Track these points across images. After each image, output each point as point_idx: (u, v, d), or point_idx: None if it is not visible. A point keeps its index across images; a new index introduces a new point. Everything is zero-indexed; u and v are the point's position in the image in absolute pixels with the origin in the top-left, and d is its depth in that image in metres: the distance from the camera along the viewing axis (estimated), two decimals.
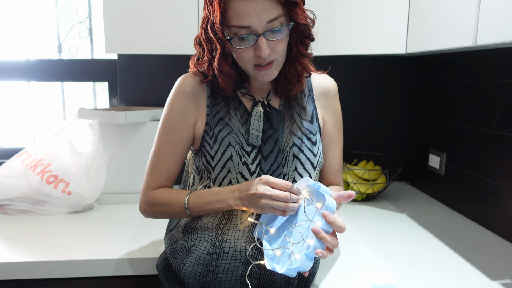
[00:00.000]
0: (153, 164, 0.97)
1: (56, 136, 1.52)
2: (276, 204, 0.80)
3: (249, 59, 0.86)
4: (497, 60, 1.28)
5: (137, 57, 1.73)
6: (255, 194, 0.81)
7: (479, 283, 0.99)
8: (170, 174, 0.97)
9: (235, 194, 0.86)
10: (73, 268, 1.11)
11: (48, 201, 1.44)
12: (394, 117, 1.87)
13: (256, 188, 0.82)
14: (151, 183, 0.97)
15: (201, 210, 0.90)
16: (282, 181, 0.81)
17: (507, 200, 1.23)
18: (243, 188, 0.85)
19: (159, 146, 0.96)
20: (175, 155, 0.96)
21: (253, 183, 0.83)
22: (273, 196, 0.80)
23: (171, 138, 0.95)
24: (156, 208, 0.95)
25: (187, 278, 0.92)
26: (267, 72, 0.87)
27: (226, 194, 0.87)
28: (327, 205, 0.80)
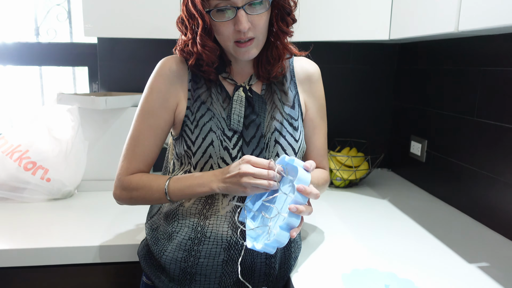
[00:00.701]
0: (130, 148, 0.94)
1: (34, 121, 1.48)
2: (258, 183, 0.80)
3: (229, 34, 0.85)
4: (478, 48, 1.29)
5: (117, 41, 1.69)
6: (238, 174, 0.81)
7: (456, 266, 1.01)
8: (147, 159, 0.94)
9: (218, 177, 0.85)
10: (53, 255, 1.10)
11: (27, 188, 1.40)
12: (377, 104, 1.88)
13: (239, 168, 0.82)
14: (127, 167, 0.94)
15: (182, 194, 0.89)
16: (263, 160, 0.82)
17: (485, 186, 1.26)
18: (226, 171, 0.85)
19: (138, 130, 0.93)
20: (154, 140, 0.93)
21: (235, 164, 0.84)
22: (256, 174, 0.80)
23: (151, 122, 0.92)
24: (132, 193, 0.93)
25: (168, 264, 0.91)
26: (247, 49, 0.86)
27: (208, 177, 0.86)
28: (300, 177, 0.80)
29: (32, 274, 1.12)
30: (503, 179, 1.18)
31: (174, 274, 0.91)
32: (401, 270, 0.98)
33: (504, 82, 1.18)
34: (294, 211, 0.78)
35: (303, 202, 0.80)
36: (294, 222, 0.79)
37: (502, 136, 1.19)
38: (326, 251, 1.09)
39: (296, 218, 0.79)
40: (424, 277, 0.95)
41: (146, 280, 0.99)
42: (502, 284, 0.93)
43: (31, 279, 1.12)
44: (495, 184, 1.21)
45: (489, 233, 1.21)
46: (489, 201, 1.24)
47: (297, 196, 0.79)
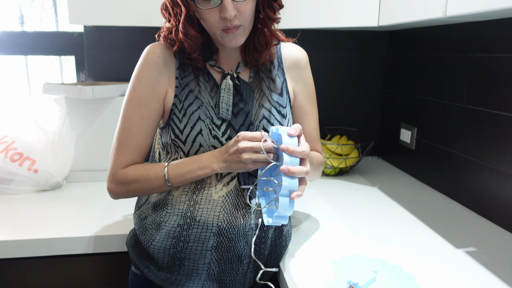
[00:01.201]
0: (122, 141, 0.91)
1: (20, 112, 1.46)
2: (258, 156, 0.81)
3: (215, 22, 0.83)
4: (467, 35, 1.29)
5: (104, 30, 1.66)
6: (237, 150, 0.81)
7: (444, 252, 1.02)
8: (141, 150, 0.92)
9: (217, 157, 0.85)
10: (43, 246, 1.09)
11: (14, 180, 1.39)
12: (367, 92, 1.88)
13: (237, 145, 0.82)
14: (121, 161, 0.91)
15: (183, 179, 0.88)
16: (257, 133, 0.82)
17: (474, 172, 1.27)
18: (223, 150, 0.85)
19: (128, 120, 0.91)
20: (146, 130, 0.91)
21: (232, 142, 0.83)
22: (254, 147, 0.80)
23: (142, 112, 0.90)
24: (129, 186, 0.91)
25: (157, 253, 0.91)
26: (234, 35, 0.85)
27: (207, 159, 0.86)
28: (285, 142, 0.79)
29: (22, 266, 1.11)
30: (491, 165, 1.19)
31: (163, 262, 0.91)
32: (390, 256, 0.99)
33: (492, 68, 1.18)
34: (286, 172, 0.76)
35: (293, 163, 0.77)
36: (292, 185, 0.77)
37: (490, 122, 1.19)
38: (316, 239, 1.09)
39: (291, 180, 0.77)
40: (412, 263, 0.96)
41: (135, 270, 0.98)
42: (489, 268, 0.94)
43: (20, 270, 1.12)
44: (484, 171, 1.22)
45: (477, 219, 1.23)
46: (478, 188, 1.25)
47: (285, 158, 0.77)
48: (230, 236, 0.90)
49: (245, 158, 0.81)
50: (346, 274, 0.90)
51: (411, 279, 0.89)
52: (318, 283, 0.87)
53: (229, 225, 0.90)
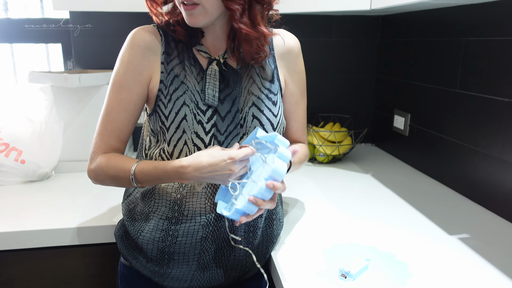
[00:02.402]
0: (102, 125, 0.89)
1: (6, 101, 1.42)
2: (241, 172, 0.81)
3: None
4: (460, 19, 1.27)
5: (91, 16, 1.62)
6: (230, 174, 0.79)
7: (438, 238, 1.02)
8: (120, 134, 0.89)
9: (191, 174, 0.79)
10: (31, 238, 1.07)
11: (1, 171, 1.36)
12: (360, 78, 1.86)
13: (230, 169, 0.78)
14: (100, 145, 0.89)
15: (152, 184, 0.86)
16: (247, 151, 0.79)
17: (467, 158, 1.25)
18: (205, 169, 0.78)
19: (109, 105, 0.88)
20: (126, 114, 0.88)
21: (222, 163, 0.78)
22: (242, 167, 0.80)
23: (122, 95, 0.87)
24: (103, 174, 0.87)
25: (146, 244, 0.89)
26: (191, 13, 0.81)
27: (176, 173, 0.80)
28: (280, 153, 0.79)
29: (10, 258, 1.09)
30: (484, 151, 1.18)
31: (152, 254, 0.89)
32: (382, 244, 0.98)
33: (486, 52, 1.16)
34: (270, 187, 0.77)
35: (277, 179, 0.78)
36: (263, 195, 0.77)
37: (484, 108, 1.18)
38: (308, 227, 1.08)
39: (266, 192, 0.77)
40: (405, 250, 0.95)
41: (124, 261, 0.97)
42: (482, 254, 0.94)
43: (8, 263, 1.10)
44: (477, 156, 1.21)
45: (470, 205, 1.22)
46: (471, 174, 1.24)
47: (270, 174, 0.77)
48: (218, 225, 0.88)
49: (231, 178, 0.80)
50: (338, 262, 0.89)
51: (404, 267, 0.88)
52: (310, 272, 0.86)
53: (217, 214, 0.88)
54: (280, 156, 0.79)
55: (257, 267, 0.96)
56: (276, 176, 0.77)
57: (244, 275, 0.95)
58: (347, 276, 0.83)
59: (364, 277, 0.84)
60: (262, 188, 0.76)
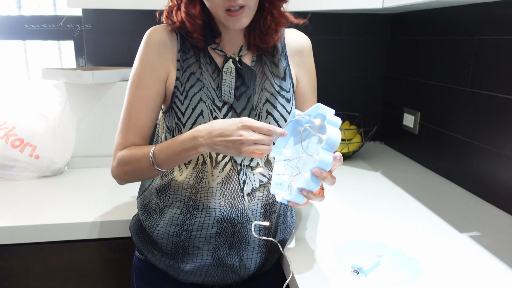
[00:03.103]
0: (123, 123, 0.91)
1: (20, 98, 1.44)
2: (259, 148, 0.75)
3: (219, 2, 0.81)
4: (472, 17, 1.27)
5: (103, 13, 1.64)
6: (239, 141, 0.74)
7: (448, 236, 1.02)
8: (141, 131, 0.91)
9: (201, 140, 0.78)
10: (46, 232, 1.09)
11: (15, 166, 1.38)
12: (370, 76, 1.86)
13: (239, 134, 0.74)
14: (121, 142, 0.91)
15: (170, 162, 0.84)
16: (265, 125, 0.75)
17: (478, 157, 1.26)
18: (215, 133, 0.76)
19: (129, 103, 0.91)
20: (145, 111, 0.90)
21: (231, 127, 0.75)
22: (257, 141, 0.74)
23: (141, 93, 0.89)
24: (125, 168, 0.89)
25: (160, 238, 0.91)
26: (238, 18, 0.83)
27: (190, 141, 0.80)
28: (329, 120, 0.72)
29: (25, 251, 1.11)
30: (495, 150, 1.18)
31: (167, 248, 0.91)
32: (393, 241, 0.99)
33: (498, 51, 1.16)
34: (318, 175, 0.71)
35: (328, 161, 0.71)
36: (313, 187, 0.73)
37: (495, 106, 1.18)
38: (319, 224, 1.09)
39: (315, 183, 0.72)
40: (416, 247, 0.96)
41: (139, 255, 0.98)
42: (492, 252, 0.94)
43: (23, 256, 1.12)
44: (488, 155, 1.22)
45: (480, 203, 1.22)
46: (482, 172, 1.25)
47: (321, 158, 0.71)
48: (234, 222, 0.89)
49: (246, 149, 0.75)
50: (349, 259, 0.90)
51: (415, 264, 0.89)
52: (322, 268, 0.87)
53: (232, 210, 0.89)
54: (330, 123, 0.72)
55: (270, 264, 0.98)
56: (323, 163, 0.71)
57: (257, 271, 0.97)
58: (359, 272, 0.84)
59: (376, 273, 0.85)
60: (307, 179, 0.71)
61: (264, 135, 0.75)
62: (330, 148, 0.71)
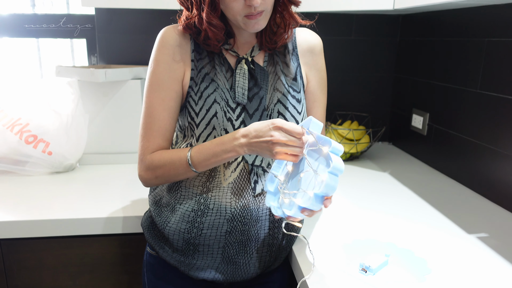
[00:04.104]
0: (146, 126, 0.91)
1: (34, 95, 1.47)
2: (291, 150, 0.77)
3: (239, 9, 0.82)
4: (482, 19, 1.27)
5: (116, 12, 1.66)
6: (271, 142, 0.77)
7: (456, 237, 1.03)
8: (166, 133, 0.92)
9: (241, 141, 0.81)
10: (58, 227, 1.11)
11: (29, 162, 1.41)
12: (379, 77, 1.87)
13: (270, 135, 0.77)
14: (147, 146, 0.91)
15: (208, 163, 0.86)
16: (296, 127, 0.77)
17: (486, 159, 1.26)
18: (252, 134, 0.80)
19: (150, 105, 0.91)
20: (168, 113, 0.91)
21: (264, 128, 0.78)
22: (288, 142, 0.76)
23: (162, 95, 0.90)
24: (157, 172, 0.90)
25: (172, 235, 0.92)
26: (257, 21, 0.84)
27: (230, 142, 0.83)
28: (334, 147, 0.75)
29: (37, 245, 1.14)
30: (504, 152, 1.18)
31: (178, 245, 0.93)
32: (401, 240, 1.00)
33: (508, 53, 1.16)
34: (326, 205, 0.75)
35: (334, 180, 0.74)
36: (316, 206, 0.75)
37: (505, 108, 1.18)
38: (328, 223, 1.10)
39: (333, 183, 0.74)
40: (424, 247, 0.96)
41: (150, 251, 1.00)
42: (501, 253, 0.95)
43: (36, 250, 1.14)
44: (497, 157, 1.22)
45: (489, 205, 1.23)
46: (490, 174, 1.25)
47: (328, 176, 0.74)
48: (244, 221, 0.91)
49: (278, 150, 0.77)
50: (358, 258, 0.91)
51: (423, 263, 0.89)
52: (331, 266, 0.88)
53: (242, 209, 0.90)
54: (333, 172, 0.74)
55: (279, 262, 0.99)
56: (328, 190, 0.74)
57: (267, 269, 0.98)
58: (368, 270, 0.85)
59: (384, 272, 0.86)
60: (311, 198, 0.74)
61: (295, 138, 0.77)
62: (336, 173, 0.74)
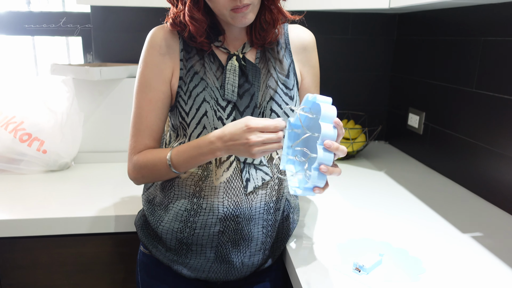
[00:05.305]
0: (134, 126, 0.92)
1: (28, 93, 1.46)
2: (269, 148, 0.77)
3: (224, 3, 0.82)
4: (478, 18, 1.27)
5: (111, 10, 1.65)
6: (247, 144, 0.76)
7: (450, 236, 1.03)
8: (153, 133, 0.93)
9: (217, 145, 0.81)
10: (52, 225, 1.11)
11: (23, 160, 1.40)
12: (375, 76, 1.86)
13: (246, 138, 0.76)
14: (135, 146, 0.93)
15: (187, 165, 0.87)
16: (270, 123, 0.76)
17: (482, 158, 1.26)
18: (226, 137, 0.79)
19: (138, 105, 0.92)
20: (155, 113, 0.92)
21: (239, 131, 0.78)
22: (265, 140, 0.76)
23: (150, 95, 0.91)
24: (142, 171, 0.92)
25: (165, 234, 0.92)
26: (244, 14, 0.84)
27: (206, 146, 0.82)
28: (324, 114, 0.72)
29: (32, 244, 1.13)
30: (500, 151, 1.18)
31: (171, 244, 0.92)
32: (396, 240, 1.00)
33: (504, 52, 1.16)
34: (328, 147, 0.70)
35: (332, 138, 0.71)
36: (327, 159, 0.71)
37: (500, 108, 1.18)
38: (322, 222, 1.10)
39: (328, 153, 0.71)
40: (418, 247, 0.96)
41: (143, 250, 1.00)
42: (495, 253, 0.95)
43: (30, 249, 1.14)
44: (492, 156, 1.22)
45: (484, 204, 1.23)
46: (485, 173, 1.25)
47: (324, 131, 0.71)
48: (236, 220, 0.90)
49: (256, 150, 0.76)
50: (352, 257, 0.91)
51: (417, 262, 0.89)
52: (325, 265, 0.88)
53: (235, 209, 0.90)
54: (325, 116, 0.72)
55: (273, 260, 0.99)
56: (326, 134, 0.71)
57: (259, 268, 0.98)
58: (361, 270, 0.85)
59: (378, 271, 0.85)
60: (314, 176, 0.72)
61: (272, 133, 0.76)
62: (327, 120, 0.72)
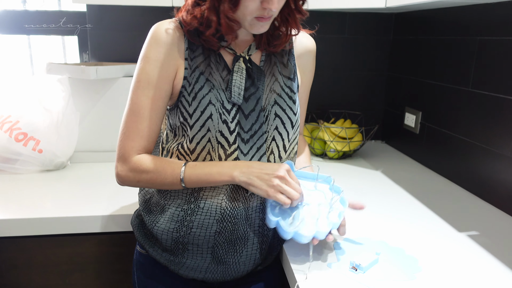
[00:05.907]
0: (132, 125, 0.86)
1: (24, 92, 1.45)
2: (287, 190, 0.82)
3: (253, 10, 0.80)
4: (474, 18, 1.27)
5: (107, 9, 1.64)
6: (273, 174, 0.82)
7: (447, 235, 1.03)
8: (152, 134, 0.89)
9: (242, 169, 0.83)
10: (48, 225, 1.10)
11: (19, 160, 1.39)
12: (372, 75, 1.87)
13: (277, 170, 0.83)
14: (132, 146, 0.87)
15: (198, 181, 0.85)
16: (298, 188, 0.84)
17: (478, 157, 1.26)
18: (256, 165, 0.84)
19: (137, 103, 0.86)
20: (156, 113, 0.87)
21: (272, 167, 0.84)
22: (289, 183, 0.83)
23: (151, 93, 0.86)
24: (142, 176, 0.87)
25: (160, 234, 0.91)
26: (263, 24, 0.83)
27: (229, 166, 0.84)
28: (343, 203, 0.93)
29: (28, 244, 1.13)
30: (496, 150, 1.19)
31: (167, 244, 0.92)
32: (392, 238, 1.00)
33: (500, 52, 1.17)
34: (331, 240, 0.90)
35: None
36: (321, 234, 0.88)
37: (497, 107, 1.19)
38: None
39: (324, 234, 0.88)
40: (415, 246, 0.96)
41: (140, 249, 0.99)
42: (490, 251, 0.95)
43: (26, 248, 1.13)
44: (488, 155, 1.22)
45: (480, 203, 1.23)
46: (482, 172, 1.25)
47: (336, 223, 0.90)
48: (234, 221, 0.90)
49: (276, 183, 0.81)
50: (348, 256, 0.91)
51: (413, 261, 0.89)
52: (321, 264, 0.88)
53: (232, 210, 0.89)
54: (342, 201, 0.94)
55: (269, 260, 0.99)
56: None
57: (256, 267, 0.98)
58: (358, 268, 0.85)
59: (375, 270, 0.85)
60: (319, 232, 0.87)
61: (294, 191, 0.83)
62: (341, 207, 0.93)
